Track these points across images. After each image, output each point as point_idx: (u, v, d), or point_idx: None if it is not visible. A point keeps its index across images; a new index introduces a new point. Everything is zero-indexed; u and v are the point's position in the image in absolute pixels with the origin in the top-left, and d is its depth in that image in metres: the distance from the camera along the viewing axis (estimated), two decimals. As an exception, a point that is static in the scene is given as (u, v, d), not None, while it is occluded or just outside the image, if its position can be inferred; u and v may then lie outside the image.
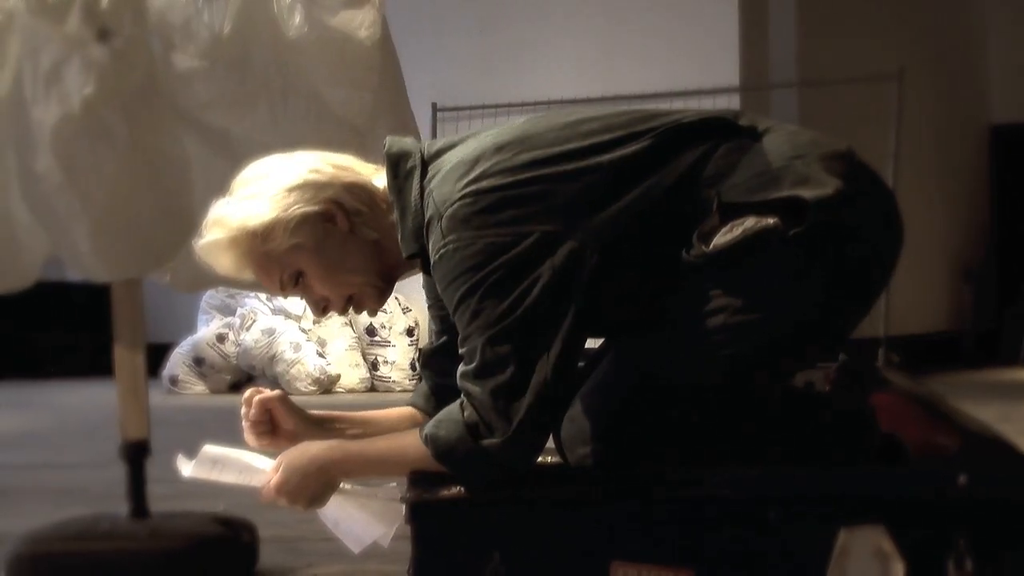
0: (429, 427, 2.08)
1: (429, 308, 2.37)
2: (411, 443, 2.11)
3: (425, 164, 2.16)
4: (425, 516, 2.08)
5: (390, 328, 7.85)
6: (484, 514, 2.06)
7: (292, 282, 2.19)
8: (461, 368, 2.07)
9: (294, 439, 2.26)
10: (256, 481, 2.20)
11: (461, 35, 8.44)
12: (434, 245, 2.09)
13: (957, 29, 9.10)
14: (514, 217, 2.05)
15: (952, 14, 9.05)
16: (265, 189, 2.17)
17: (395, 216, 2.16)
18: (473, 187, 2.08)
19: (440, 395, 2.30)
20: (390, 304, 7.78)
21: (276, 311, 7.94)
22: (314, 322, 7.92)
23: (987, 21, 9.33)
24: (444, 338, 2.32)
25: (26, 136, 2.67)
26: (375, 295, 2.22)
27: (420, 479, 2.09)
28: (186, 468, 2.26)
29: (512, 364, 2.01)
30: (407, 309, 7.92)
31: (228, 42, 2.73)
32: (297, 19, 2.77)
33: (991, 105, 9.33)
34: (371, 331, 7.88)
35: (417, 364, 2.39)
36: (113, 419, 2.84)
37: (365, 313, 2.42)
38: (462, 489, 2.06)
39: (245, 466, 2.23)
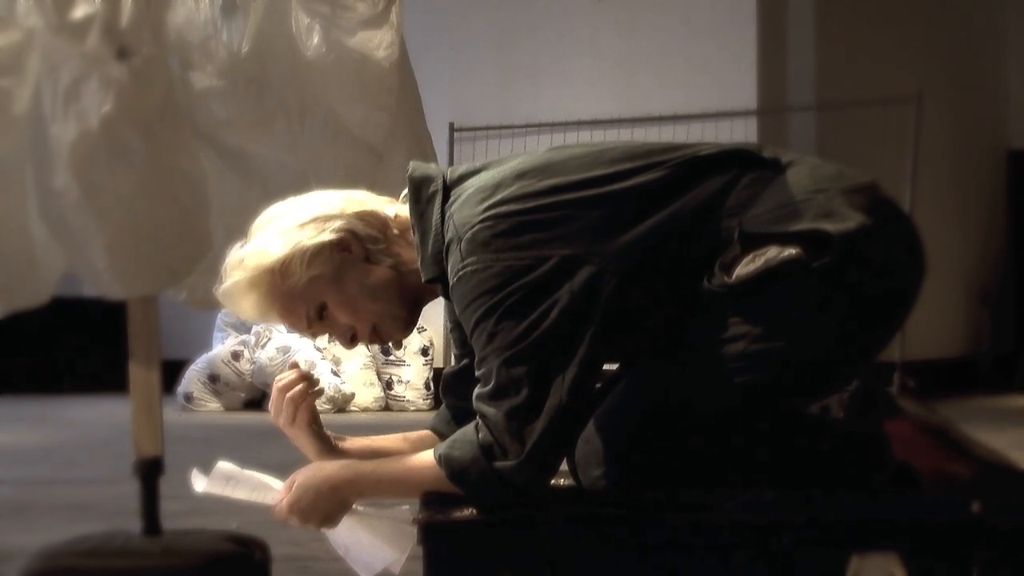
0: (443, 448, 2.08)
1: (451, 331, 2.37)
2: (425, 464, 2.11)
3: (448, 189, 2.17)
4: (437, 537, 2.08)
5: (405, 347, 7.85)
6: (496, 535, 2.06)
7: (317, 316, 2.21)
8: (477, 390, 2.07)
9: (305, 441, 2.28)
10: (269, 499, 2.21)
11: (479, 55, 8.45)
12: (453, 267, 2.10)
13: (976, 52, 9.09)
14: (533, 241, 2.06)
15: (971, 37, 9.04)
16: (278, 228, 2.20)
17: (415, 240, 2.17)
18: (493, 211, 2.08)
19: (460, 419, 2.30)
20: (405, 323, 7.78)
21: (291, 329, 7.95)
22: (329, 340, 7.93)
23: (1006, 45, 9.31)
24: (464, 361, 2.32)
25: (44, 153, 2.68)
26: (399, 324, 2.23)
27: (432, 500, 2.09)
28: (200, 483, 2.26)
29: (527, 387, 2.01)
30: (422, 328, 7.92)
31: (246, 61, 2.74)
32: (315, 39, 2.78)
33: (1009, 129, 9.31)
34: (386, 350, 7.88)
35: (433, 385, 2.41)
36: (127, 435, 2.84)
37: (397, 348, 2.44)
38: (474, 510, 2.06)
39: (258, 483, 2.24)
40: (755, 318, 2.05)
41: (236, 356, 8.01)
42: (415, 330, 2.32)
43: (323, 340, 7.85)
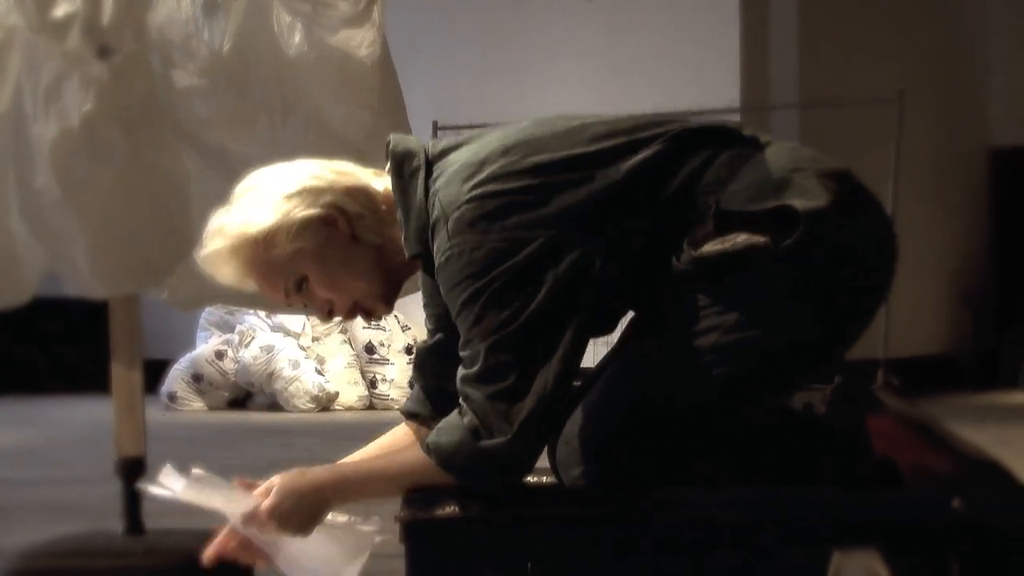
0: (430, 437, 2.08)
1: (425, 306, 2.36)
2: (411, 457, 2.11)
3: (430, 164, 2.16)
4: (419, 536, 2.08)
5: (389, 346, 7.84)
6: (478, 534, 2.06)
7: (296, 288, 2.19)
8: (462, 372, 2.07)
9: None
10: (239, 508, 2.17)
11: (461, 53, 8.44)
12: (439, 247, 2.09)
13: (958, 52, 9.11)
14: (519, 222, 2.06)
15: (953, 37, 9.06)
16: (264, 197, 2.17)
17: (399, 215, 2.17)
18: (480, 190, 2.08)
19: (435, 399, 2.30)
20: (389, 322, 7.78)
21: (275, 328, 7.93)
22: (313, 339, 7.92)
23: (988, 44, 9.34)
24: (438, 336, 2.32)
25: (25, 152, 2.68)
26: (379, 302, 2.22)
27: (415, 499, 2.08)
28: (176, 483, 2.22)
29: (514, 371, 2.02)
30: (406, 327, 7.91)
31: (228, 60, 2.74)
32: (297, 38, 2.78)
33: (991, 128, 9.33)
34: (370, 349, 7.87)
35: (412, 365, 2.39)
36: (109, 435, 2.83)
37: (364, 330, 2.44)
38: (457, 508, 2.06)
39: (233, 496, 2.19)
40: (727, 308, 2.06)
41: (220, 355, 7.99)
42: (400, 329, 2.32)
43: (307, 339, 7.88)
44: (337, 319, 2.27)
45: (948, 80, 8.91)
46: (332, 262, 2.16)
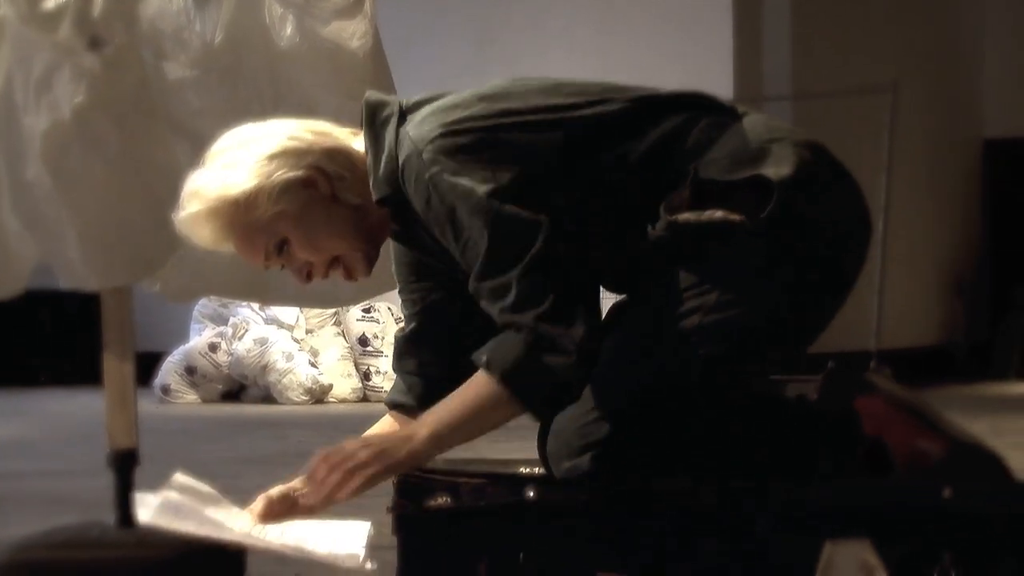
0: (483, 354, 2.06)
1: (400, 291, 2.36)
2: (476, 382, 2.06)
3: (403, 113, 2.17)
4: (411, 527, 2.08)
5: (382, 338, 7.84)
6: (470, 525, 2.06)
7: (276, 251, 2.18)
8: (498, 305, 2.05)
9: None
10: (222, 532, 2.13)
11: (454, 45, 8.44)
12: (417, 180, 2.09)
13: (951, 43, 9.11)
14: (493, 157, 2.07)
15: (947, 28, 9.06)
16: (244, 158, 2.16)
17: (369, 161, 2.16)
18: (453, 127, 2.10)
19: (418, 387, 2.30)
20: (383, 314, 7.77)
21: (268, 320, 7.93)
22: (307, 331, 7.91)
23: (982, 35, 9.34)
24: (414, 323, 2.31)
25: (16, 144, 2.67)
26: (361, 259, 2.21)
27: (406, 490, 2.08)
28: (145, 512, 2.20)
29: (550, 290, 2.02)
30: (400, 320, 7.92)
31: (220, 51, 2.73)
32: (289, 29, 2.77)
33: (984, 119, 9.34)
34: (363, 341, 7.87)
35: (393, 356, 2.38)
36: (102, 428, 2.83)
37: (358, 323, 2.43)
38: (448, 500, 2.06)
39: (206, 519, 2.17)
40: (707, 287, 2.06)
41: (213, 348, 7.99)
42: (393, 321, 2.32)
43: (301, 332, 7.87)
44: (318, 278, 2.24)
45: (942, 71, 8.91)
46: (313, 223, 2.16)
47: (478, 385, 2.05)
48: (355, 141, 2.22)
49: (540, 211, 2.05)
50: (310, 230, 2.16)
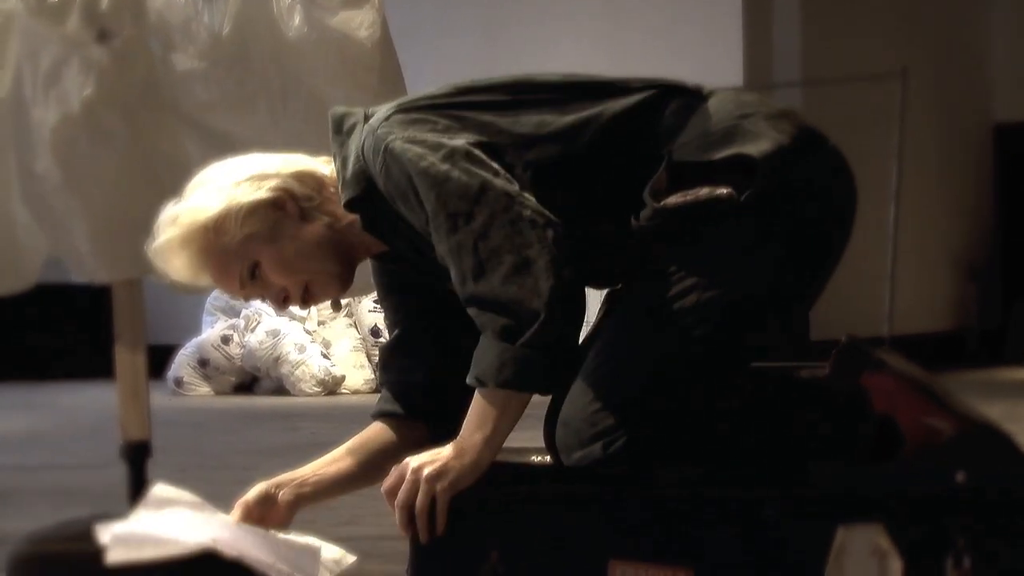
0: (470, 376, 2.03)
1: (380, 301, 2.35)
2: (481, 400, 2.04)
3: (367, 117, 2.17)
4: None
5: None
6: (482, 514, 2.06)
7: (250, 275, 2.17)
8: (465, 285, 2.03)
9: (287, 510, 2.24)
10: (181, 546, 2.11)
11: (462, 36, 8.43)
12: (375, 152, 2.09)
13: (961, 28, 9.09)
14: (448, 127, 2.08)
15: (956, 13, 9.04)
16: (212, 187, 2.18)
17: (336, 168, 2.17)
18: (408, 103, 2.13)
19: (406, 396, 2.29)
20: (394, 305, 7.78)
21: (281, 312, 7.95)
22: (319, 323, 7.92)
23: (992, 20, 9.31)
24: (397, 330, 2.31)
25: (26, 137, 2.68)
26: (334, 282, 2.21)
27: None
28: (109, 540, 2.18)
29: (510, 254, 2.00)
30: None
31: (228, 43, 2.74)
32: (297, 20, 2.77)
33: (995, 104, 9.31)
34: (376, 332, 7.87)
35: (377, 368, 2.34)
36: (114, 421, 2.84)
37: (370, 314, 2.42)
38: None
39: (171, 542, 2.13)
40: (700, 266, 2.05)
41: (226, 340, 8.00)
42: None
43: (313, 324, 7.88)
44: (295, 308, 2.24)
45: (952, 56, 8.88)
46: (284, 244, 2.16)
47: (484, 400, 2.04)
48: (325, 167, 2.23)
49: (500, 173, 2.04)
50: (281, 251, 2.16)
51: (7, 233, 2.79)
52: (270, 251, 2.16)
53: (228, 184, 2.17)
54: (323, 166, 2.23)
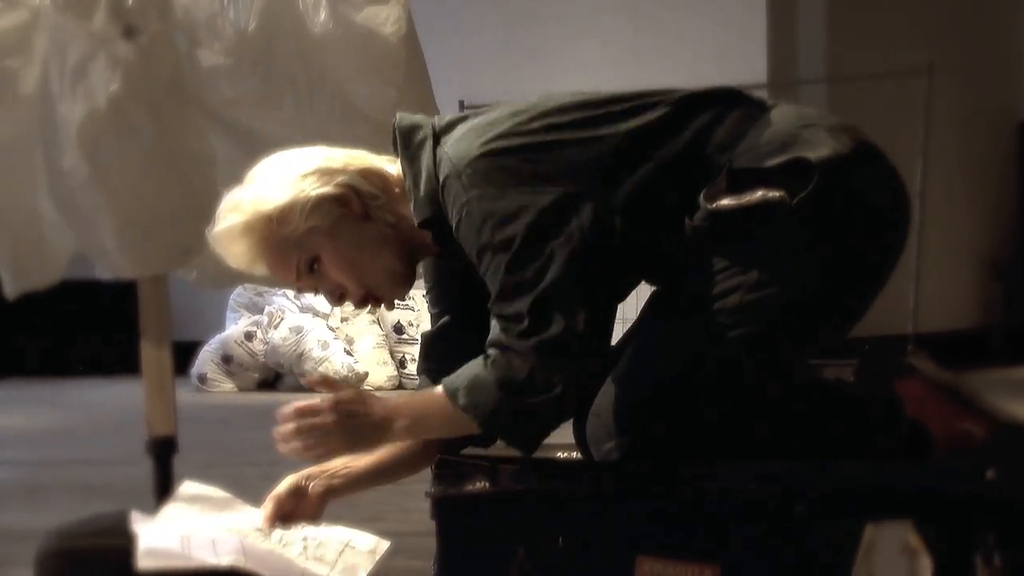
0: (462, 399, 2.06)
1: (429, 291, 2.35)
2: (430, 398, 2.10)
3: (437, 135, 2.16)
4: (450, 512, 2.07)
5: (417, 326, 7.84)
6: (509, 509, 2.06)
7: (308, 268, 2.17)
8: (504, 327, 2.05)
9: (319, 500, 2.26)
10: (223, 558, 2.11)
11: (488, 31, 8.43)
12: (455, 201, 2.09)
13: (987, 24, 9.05)
14: (535, 173, 2.07)
15: (982, 9, 8.99)
16: (278, 176, 2.17)
17: (408, 184, 2.16)
18: (491, 145, 2.10)
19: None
20: (418, 302, 7.77)
21: (304, 309, 7.95)
22: (342, 319, 7.93)
23: (1018, 16, 9.27)
24: (444, 319, 2.31)
25: (52, 133, 2.68)
26: (396, 280, 2.21)
27: (445, 474, 2.08)
28: (140, 551, 2.17)
29: (560, 322, 2.01)
30: (434, 307, 7.92)
31: (253, 39, 2.74)
32: (322, 16, 2.77)
33: (1021, 101, 9.27)
34: (399, 329, 7.88)
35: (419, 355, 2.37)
36: (140, 417, 2.84)
37: (390, 310, 2.41)
38: (487, 484, 2.05)
39: (209, 543, 2.13)
40: (747, 267, 2.05)
41: (249, 337, 8.01)
42: (427, 308, 2.33)
43: (336, 320, 7.89)
44: (351, 307, 2.25)
45: (978, 53, 8.84)
46: (345, 241, 2.16)
47: (441, 405, 2.08)
48: (390, 166, 2.22)
49: (573, 237, 2.04)
50: (342, 248, 2.16)
51: (34, 229, 2.79)
52: (331, 246, 2.16)
53: (295, 176, 2.16)
54: (388, 165, 2.22)
